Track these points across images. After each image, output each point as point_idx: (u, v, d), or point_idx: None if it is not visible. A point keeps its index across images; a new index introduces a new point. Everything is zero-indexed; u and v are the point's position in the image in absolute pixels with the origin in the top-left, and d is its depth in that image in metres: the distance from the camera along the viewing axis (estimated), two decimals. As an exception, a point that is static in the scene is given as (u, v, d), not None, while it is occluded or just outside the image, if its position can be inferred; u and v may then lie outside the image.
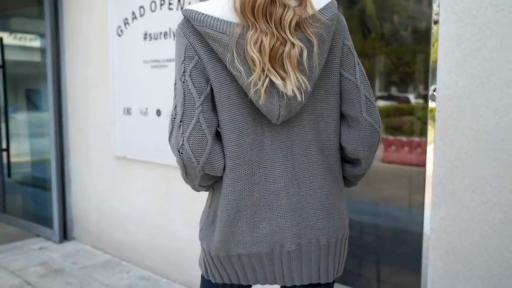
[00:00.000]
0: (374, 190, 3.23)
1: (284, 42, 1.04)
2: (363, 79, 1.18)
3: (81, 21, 3.67)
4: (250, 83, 1.05)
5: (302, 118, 1.14)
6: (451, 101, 1.86)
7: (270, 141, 1.14)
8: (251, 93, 1.06)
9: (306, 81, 1.07)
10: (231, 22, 1.06)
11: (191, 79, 1.10)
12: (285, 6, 1.04)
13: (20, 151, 4.70)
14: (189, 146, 1.10)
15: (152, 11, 3.05)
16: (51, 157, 3.92)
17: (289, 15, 1.03)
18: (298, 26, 1.06)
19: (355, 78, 1.15)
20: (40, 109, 4.34)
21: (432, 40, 1.92)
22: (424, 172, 2.00)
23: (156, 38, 3.05)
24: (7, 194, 4.65)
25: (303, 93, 1.07)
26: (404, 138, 3.22)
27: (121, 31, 3.29)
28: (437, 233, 1.94)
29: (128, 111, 3.31)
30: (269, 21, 1.04)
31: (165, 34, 2.98)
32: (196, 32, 1.10)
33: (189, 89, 1.10)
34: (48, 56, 3.81)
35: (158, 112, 3.07)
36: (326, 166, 1.18)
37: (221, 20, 1.07)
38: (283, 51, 1.04)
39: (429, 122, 1.94)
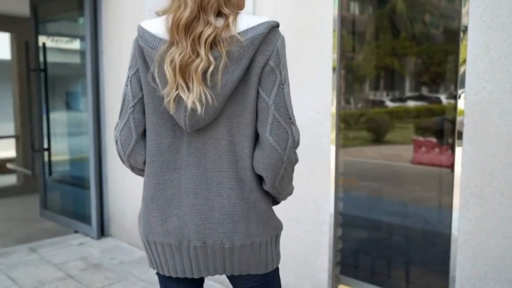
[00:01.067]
0: (404, 191, 3.26)
1: (195, 58, 1.14)
2: (279, 100, 1.20)
3: (118, 27, 3.82)
4: (163, 94, 1.20)
5: (217, 129, 1.24)
6: (480, 106, 1.90)
7: (186, 146, 1.27)
8: (165, 103, 1.21)
9: (209, 95, 1.15)
10: (161, 39, 1.20)
11: (131, 84, 1.30)
12: (207, 23, 1.15)
13: (59, 151, 4.92)
14: (120, 140, 1.32)
15: (187, 17, 3.17)
16: (89, 157, 4.10)
17: (208, 32, 1.14)
18: (215, 44, 1.15)
19: (269, 98, 1.19)
20: (78, 110, 4.54)
21: (461, 46, 1.96)
22: (453, 174, 2.05)
23: (190, 44, 3.16)
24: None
25: (204, 106, 1.15)
26: (434, 139, 3.23)
27: (157, 36, 3.42)
28: (465, 235, 1.99)
29: (163, 114, 3.43)
30: (189, 37, 1.15)
31: (200, 40, 3.09)
32: (139, 45, 1.26)
33: (128, 93, 1.30)
34: (88, 60, 3.99)
35: (193, 115, 3.19)
36: (238, 177, 1.25)
37: (154, 36, 1.21)
38: (192, 66, 1.15)
39: (457, 126, 1.99)
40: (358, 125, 3.23)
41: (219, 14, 1.18)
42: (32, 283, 3.14)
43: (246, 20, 1.19)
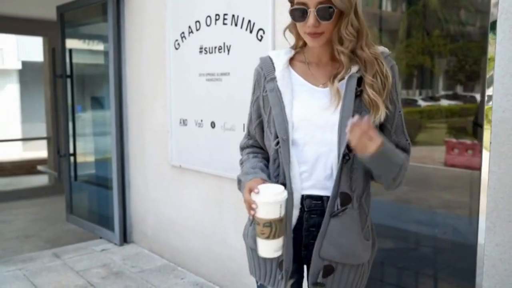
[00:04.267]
0: (434, 197, 3.12)
1: None
2: None
3: (141, 34, 3.83)
4: None
5: None
6: (508, 124, 1.78)
7: None
8: None
9: None
10: None
11: None
12: None
13: (84, 154, 4.98)
14: None
15: (208, 25, 3.14)
16: (112, 161, 4.13)
17: None
18: None
19: None
20: (104, 115, 4.58)
21: (488, 61, 1.85)
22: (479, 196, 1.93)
23: (211, 52, 3.13)
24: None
25: None
26: (467, 141, 3.08)
27: (178, 44, 3.41)
28: (492, 260, 1.87)
29: (184, 122, 3.42)
30: None
31: (220, 49, 3.05)
32: None
33: None
34: (111, 67, 4.01)
35: (213, 124, 3.15)
36: None
37: None
38: None
39: (484, 146, 1.87)
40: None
41: None
42: (54, 291, 3.18)
43: None
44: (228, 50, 3.00)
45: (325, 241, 1.38)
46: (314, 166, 1.40)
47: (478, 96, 3.02)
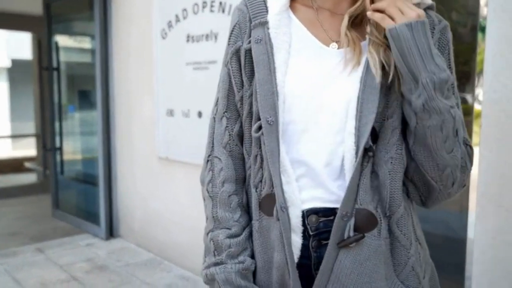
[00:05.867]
0: None
1: None
2: None
3: (128, 24, 3.75)
4: None
5: None
6: (499, 106, 1.73)
7: None
8: None
9: None
10: None
11: None
12: None
13: (71, 150, 4.89)
14: None
15: (195, 13, 3.07)
16: (99, 156, 4.04)
17: None
18: None
19: None
20: (91, 109, 4.50)
21: (479, 40, 1.80)
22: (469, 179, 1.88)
23: (198, 41, 3.06)
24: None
25: None
26: None
27: (165, 33, 3.34)
28: (481, 246, 1.82)
29: (171, 113, 3.35)
30: None
31: (207, 37, 2.99)
32: None
33: None
34: (97, 59, 3.93)
35: (200, 114, 3.09)
36: None
37: None
38: None
39: (474, 128, 1.82)
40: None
41: None
42: (35, 285, 3.09)
43: None
44: (216, 38, 2.94)
45: (330, 284, 0.89)
46: (318, 167, 0.91)
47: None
